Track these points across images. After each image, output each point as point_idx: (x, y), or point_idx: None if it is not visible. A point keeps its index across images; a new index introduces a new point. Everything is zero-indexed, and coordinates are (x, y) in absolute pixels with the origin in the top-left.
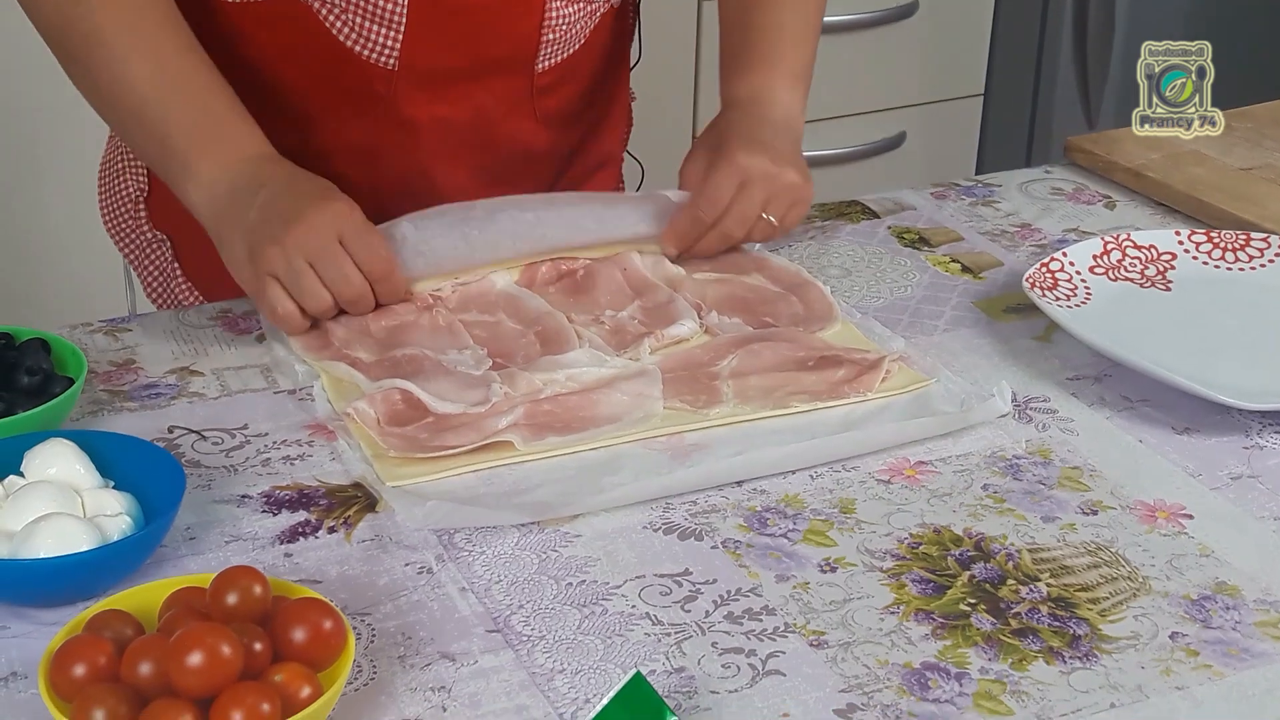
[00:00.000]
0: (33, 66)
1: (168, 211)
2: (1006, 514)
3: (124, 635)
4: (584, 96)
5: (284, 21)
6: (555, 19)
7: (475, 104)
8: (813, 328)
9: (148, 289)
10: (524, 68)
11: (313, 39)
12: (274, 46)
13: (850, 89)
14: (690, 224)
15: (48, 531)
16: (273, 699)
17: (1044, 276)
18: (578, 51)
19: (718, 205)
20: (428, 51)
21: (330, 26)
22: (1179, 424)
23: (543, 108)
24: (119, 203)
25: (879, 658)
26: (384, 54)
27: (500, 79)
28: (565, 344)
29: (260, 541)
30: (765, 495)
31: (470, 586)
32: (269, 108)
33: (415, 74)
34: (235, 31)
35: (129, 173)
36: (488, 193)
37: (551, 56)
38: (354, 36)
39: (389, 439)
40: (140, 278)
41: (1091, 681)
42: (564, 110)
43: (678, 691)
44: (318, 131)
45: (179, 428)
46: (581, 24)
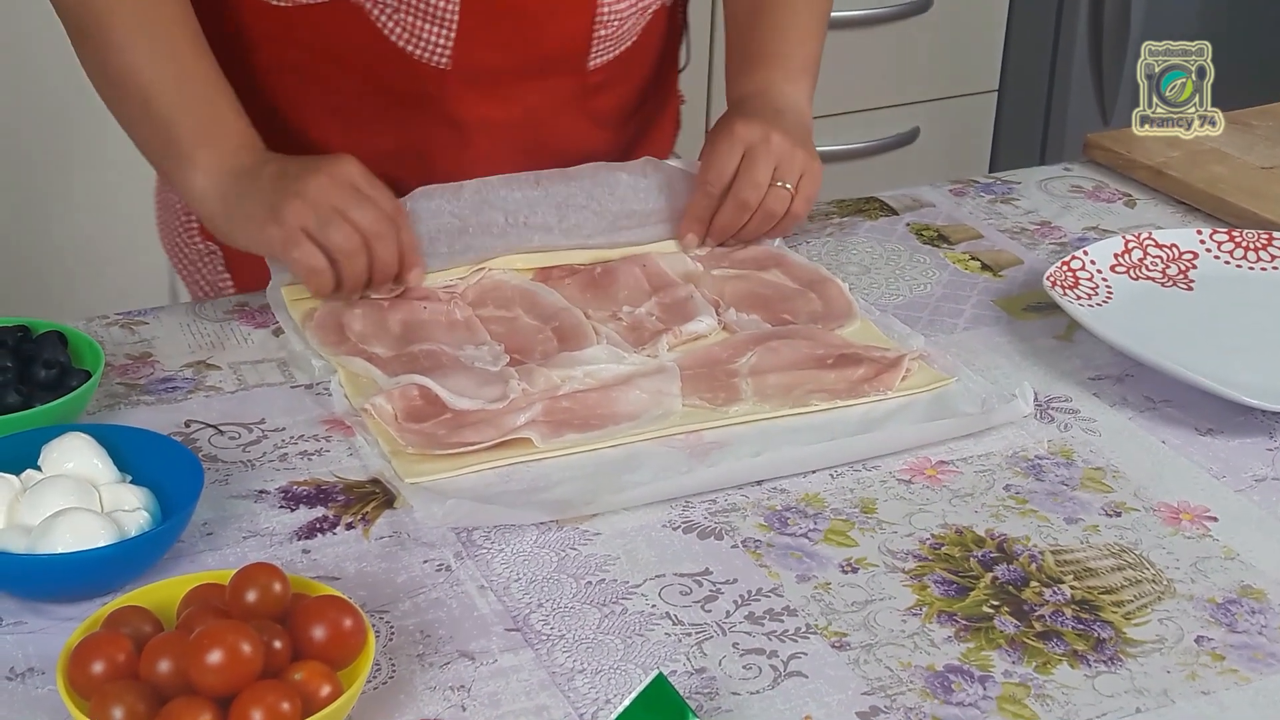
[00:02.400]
0: (67, 62)
1: None
2: (1029, 515)
3: (143, 632)
4: (635, 97)
5: (334, 22)
6: (607, 15)
7: (527, 104)
8: (832, 325)
9: (196, 301)
10: (576, 66)
11: (363, 39)
12: (324, 48)
13: (864, 84)
14: (702, 200)
15: (65, 526)
16: (293, 698)
17: (1065, 275)
18: (629, 50)
19: (723, 172)
20: (480, 50)
21: (382, 27)
22: (1202, 425)
23: (594, 108)
24: (171, 215)
25: (902, 660)
26: (436, 53)
27: (552, 78)
28: (583, 340)
29: (278, 537)
30: (785, 494)
31: (489, 584)
32: (318, 110)
33: (467, 73)
34: (285, 34)
35: None
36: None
37: (603, 54)
38: (405, 36)
39: (407, 435)
40: (190, 290)
41: (1116, 685)
42: (615, 110)
43: (699, 692)
44: (367, 134)
45: (196, 422)
46: (633, 21)
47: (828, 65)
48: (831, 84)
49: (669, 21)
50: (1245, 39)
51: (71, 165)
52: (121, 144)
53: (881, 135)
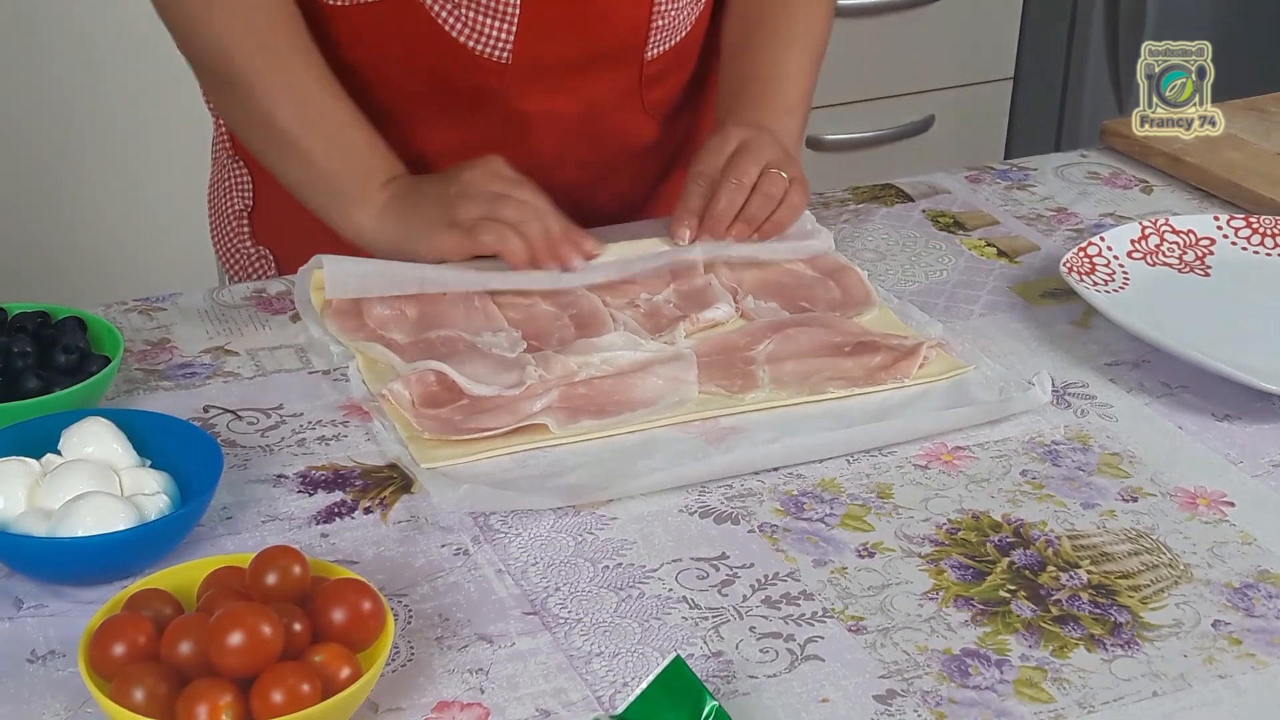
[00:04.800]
0: (89, 52)
1: (273, 227)
2: (1046, 500)
3: (163, 614)
4: (689, 88)
5: (394, 20)
6: (665, 4)
7: (586, 96)
8: (850, 313)
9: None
10: (634, 57)
11: (424, 36)
12: (384, 47)
13: (879, 72)
14: (693, 190)
15: (86, 510)
16: (313, 679)
17: (1081, 261)
18: (684, 40)
19: (713, 163)
20: (540, 43)
21: (443, 23)
22: (1219, 410)
23: (651, 99)
24: (224, 220)
25: (918, 644)
26: (497, 47)
27: (611, 69)
28: (600, 327)
29: (296, 522)
30: (802, 479)
31: (507, 568)
32: (379, 109)
33: (528, 67)
34: (346, 34)
35: (235, 190)
36: (599, 186)
37: (660, 44)
38: (466, 31)
39: (423, 421)
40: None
41: (1133, 669)
42: (670, 102)
43: (716, 676)
44: (429, 130)
45: (214, 407)
46: (688, 10)
47: (843, 52)
48: (846, 72)
49: (715, 12)
50: (1263, 25)
51: (92, 153)
52: (142, 133)
53: (896, 123)
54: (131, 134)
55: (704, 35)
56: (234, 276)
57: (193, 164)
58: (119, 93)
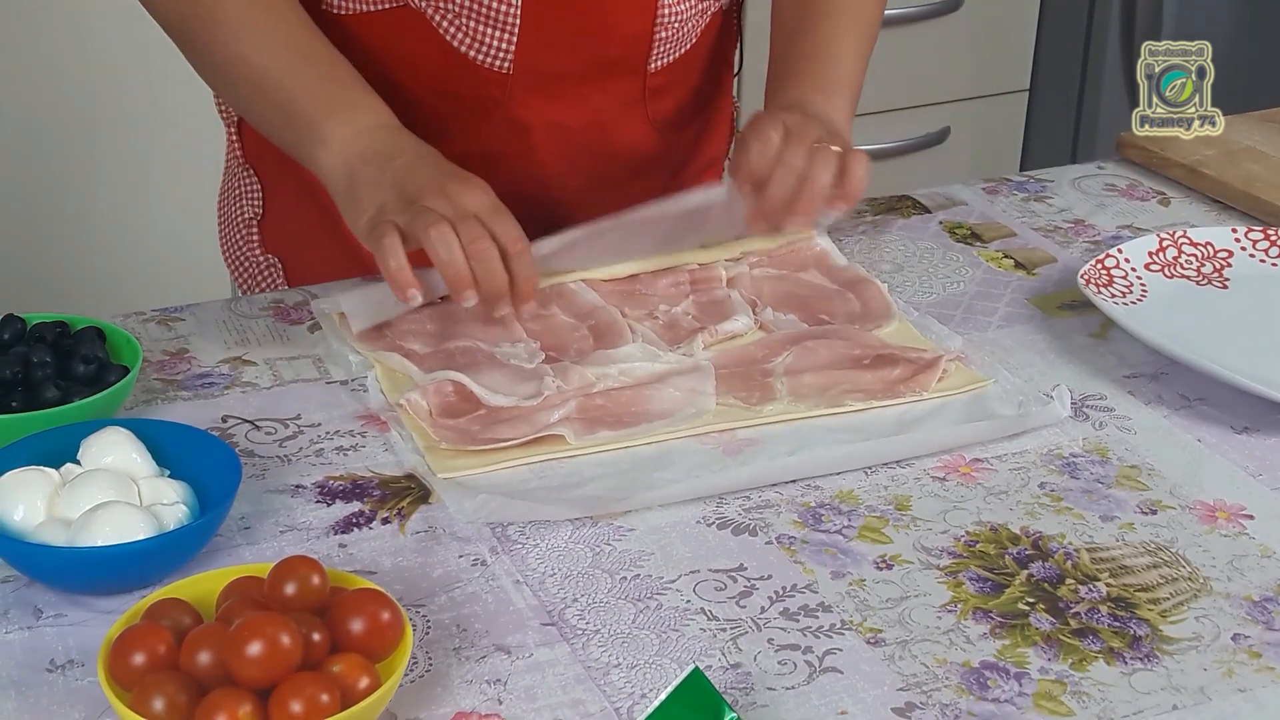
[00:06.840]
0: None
1: (282, 234)
2: (1064, 513)
3: (183, 624)
4: (693, 100)
5: (395, 30)
6: (668, 16)
7: (589, 106)
8: (869, 325)
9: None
10: (637, 68)
11: (426, 46)
12: (387, 56)
13: (895, 84)
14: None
15: (105, 519)
16: (331, 690)
17: (1099, 273)
18: (688, 52)
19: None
20: (542, 53)
21: (444, 32)
22: (1238, 423)
23: (654, 110)
24: (233, 228)
25: (937, 656)
26: (498, 57)
27: (614, 80)
28: (618, 338)
29: (314, 532)
30: (819, 491)
31: (524, 579)
32: None
33: (529, 77)
34: (347, 43)
35: (246, 198)
36: (602, 199)
37: (664, 56)
38: (467, 41)
39: (441, 431)
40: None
41: (1153, 683)
42: (674, 113)
43: (734, 688)
44: (432, 139)
45: (232, 417)
46: (693, 22)
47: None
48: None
49: (725, 25)
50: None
51: (108, 164)
52: (159, 142)
53: (912, 135)
54: (147, 146)
55: (711, 48)
56: (242, 285)
57: (207, 174)
58: (134, 105)
